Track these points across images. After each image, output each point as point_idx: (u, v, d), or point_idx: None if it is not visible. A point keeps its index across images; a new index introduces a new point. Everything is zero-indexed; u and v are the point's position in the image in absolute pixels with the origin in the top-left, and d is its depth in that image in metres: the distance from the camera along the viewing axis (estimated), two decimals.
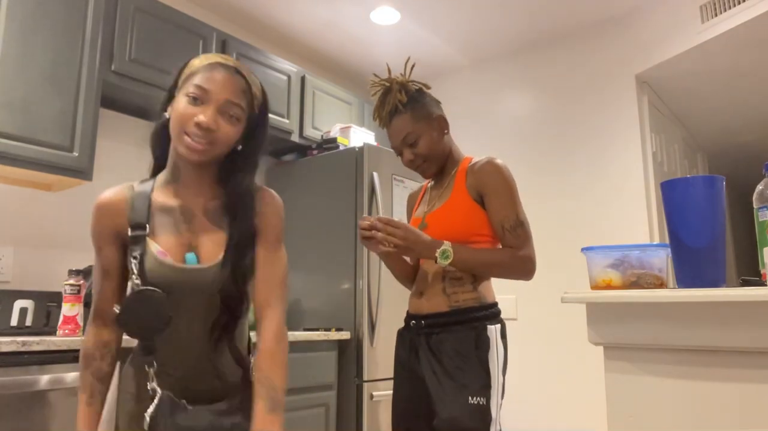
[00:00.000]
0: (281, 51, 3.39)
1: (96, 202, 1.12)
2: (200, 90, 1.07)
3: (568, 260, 2.95)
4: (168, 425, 1.05)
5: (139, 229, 1.09)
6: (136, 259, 1.07)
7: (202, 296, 1.10)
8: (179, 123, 1.07)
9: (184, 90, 1.10)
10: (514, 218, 1.43)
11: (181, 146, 1.08)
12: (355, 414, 2.47)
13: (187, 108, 1.07)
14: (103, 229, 1.11)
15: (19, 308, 1.82)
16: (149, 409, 1.05)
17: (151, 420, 1.04)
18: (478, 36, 3.28)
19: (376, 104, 1.57)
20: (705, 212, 1.03)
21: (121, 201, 1.12)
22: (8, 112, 1.87)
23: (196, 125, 1.06)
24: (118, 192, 1.14)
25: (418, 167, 1.56)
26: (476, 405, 1.34)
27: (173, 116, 1.09)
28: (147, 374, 1.08)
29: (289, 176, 2.99)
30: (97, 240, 1.12)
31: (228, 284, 1.10)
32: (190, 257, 1.10)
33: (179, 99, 1.09)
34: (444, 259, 1.38)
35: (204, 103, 1.07)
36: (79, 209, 2.40)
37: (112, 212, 1.11)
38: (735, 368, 0.92)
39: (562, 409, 2.93)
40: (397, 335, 1.60)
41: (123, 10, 2.26)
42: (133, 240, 1.08)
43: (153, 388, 1.07)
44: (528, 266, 1.43)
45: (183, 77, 1.13)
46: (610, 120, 3.02)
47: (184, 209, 1.13)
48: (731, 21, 2.58)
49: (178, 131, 1.07)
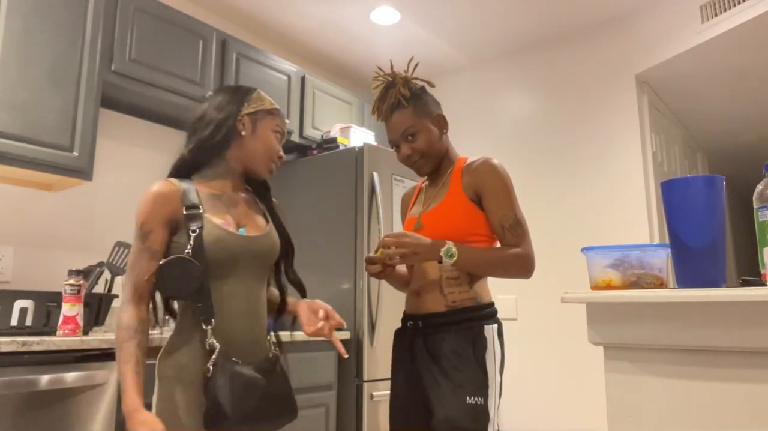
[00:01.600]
0: (281, 51, 3.39)
1: (151, 191, 1.27)
2: (282, 132, 1.42)
3: (568, 260, 2.96)
4: (227, 372, 1.19)
5: (194, 209, 1.27)
6: (194, 232, 1.24)
7: (258, 261, 1.34)
8: (269, 152, 1.39)
9: (267, 124, 1.39)
10: (512, 216, 1.43)
11: (263, 168, 1.40)
12: (355, 414, 2.47)
13: (275, 143, 1.40)
14: (157, 214, 1.26)
15: (19, 308, 1.81)
16: (211, 358, 1.20)
17: (214, 368, 1.19)
18: (478, 36, 3.28)
19: (377, 98, 1.57)
20: (705, 212, 1.03)
21: (174, 191, 1.29)
22: (8, 112, 1.87)
23: (279, 158, 1.41)
24: (167, 183, 1.30)
25: (414, 163, 1.55)
26: (473, 404, 1.34)
27: (262, 143, 1.38)
28: (205, 332, 1.23)
29: (289, 176, 2.99)
30: (150, 224, 1.26)
31: (275, 251, 1.38)
32: (242, 230, 1.34)
33: (267, 132, 1.39)
34: (449, 257, 1.38)
35: (279, 141, 1.43)
36: (79, 209, 2.40)
37: (168, 199, 1.27)
38: (735, 368, 0.92)
39: (562, 409, 2.93)
40: (394, 335, 1.60)
41: (123, 10, 2.26)
42: (190, 218, 1.26)
43: (211, 343, 1.22)
44: (528, 264, 1.43)
45: (255, 106, 1.39)
46: (610, 120, 3.02)
47: (229, 198, 1.37)
48: (731, 21, 2.58)
49: (266, 157, 1.39)
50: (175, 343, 1.28)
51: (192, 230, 1.24)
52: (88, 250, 2.39)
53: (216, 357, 1.21)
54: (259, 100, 1.40)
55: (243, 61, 2.71)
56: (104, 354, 1.73)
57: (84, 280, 1.84)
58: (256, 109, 1.39)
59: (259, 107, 1.39)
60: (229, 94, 1.40)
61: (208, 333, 1.23)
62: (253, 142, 1.37)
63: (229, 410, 1.17)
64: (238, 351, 1.26)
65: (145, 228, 1.26)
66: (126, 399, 1.17)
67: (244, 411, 1.20)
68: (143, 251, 1.26)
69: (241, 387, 1.21)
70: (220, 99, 1.39)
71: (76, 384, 1.65)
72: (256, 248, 1.33)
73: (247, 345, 1.30)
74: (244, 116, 1.37)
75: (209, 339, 1.22)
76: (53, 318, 1.85)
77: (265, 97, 1.42)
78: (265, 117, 1.39)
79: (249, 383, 1.23)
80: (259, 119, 1.38)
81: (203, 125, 1.36)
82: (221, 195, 1.35)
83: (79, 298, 1.80)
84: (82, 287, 1.82)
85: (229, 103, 1.38)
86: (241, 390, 1.21)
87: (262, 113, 1.39)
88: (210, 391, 1.19)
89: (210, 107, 1.38)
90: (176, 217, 1.27)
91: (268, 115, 1.40)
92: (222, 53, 2.62)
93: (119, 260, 2.16)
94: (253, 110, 1.38)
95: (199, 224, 1.25)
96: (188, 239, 1.23)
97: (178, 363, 1.25)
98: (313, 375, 2.40)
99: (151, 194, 1.27)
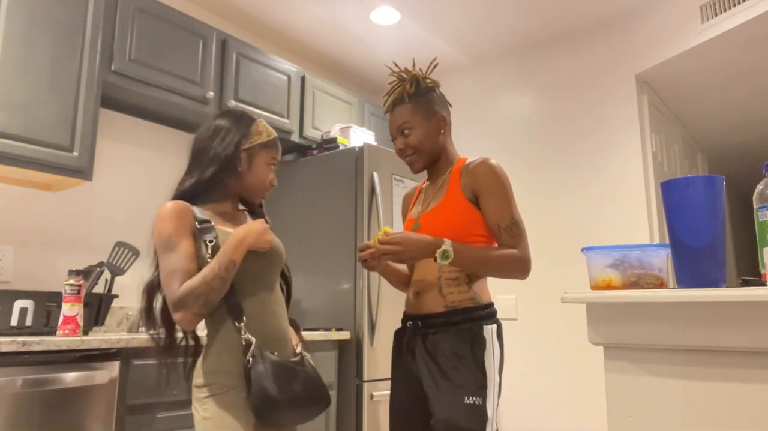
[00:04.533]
0: (281, 51, 3.39)
1: (167, 207, 1.35)
2: (275, 162, 1.50)
3: (568, 260, 2.96)
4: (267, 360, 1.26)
5: (206, 222, 1.36)
6: (211, 242, 1.32)
7: (273, 263, 1.44)
8: (262, 185, 1.47)
9: (262, 158, 1.46)
10: (509, 217, 1.44)
11: (256, 198, 1.50)
12: (355, 414, 2.47)
13: (269, 175, 1.48)
14: (181, 225, 1.33)
15: (19, 308, 1.82)
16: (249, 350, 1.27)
17: (253, 359, 1.26)
18: (478, 36, 3.28)
19: (386, 92, 1.61)
20: (705, 212, 1.03)
21: (187, 206, 1.37)
22: (9, 112, 1.87)
23: (271, 185, 1.49)
24: (179, 202, 1.38)
25: (406, 158, 1.58)
26: (472, 405, 1.34)
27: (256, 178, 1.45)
28: (239, 329, 1.30)
29: (289, 176, 2.99)
30: (177, 235, 1.32)
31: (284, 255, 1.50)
32: None
33: (261, 166, 1.46)
34: (444, 259, 1.38)
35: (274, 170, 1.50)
36: (79, 209, 2.40)
37: (185, 213, 1.35)
38: (735, 368, 0.92)
39: (562, 409, 2.93)
40: (394, 335, 1.60)
41: (123, 10, 2.26)
42: (203, 230, 1.34)
43: (247, 338, 1.29)
44: (524, 265, 1.43)
45: (253, 140, 1.46)
46: (611, 120, 3.02)
47: (230, 215, 1.47)
48: (731, 21, 2.58)
49: (260, 189, 1.48)
50: (211, 351, 1.33)
51: (209, 241, 1.32)
52: (88, 250, 2.39)
53: (253, 348, 1.27)
54: (257, 134, 1.46)
55: (243, 61, 2.70)
56: (104, 354, 1.73)
57: (84, 280, 1.84)
58: (252, 143, 1.44)
59: (256, 142, 1.45)
60: (231, 124, 1.45)
61: (242, 330, 1.29)
62: (249, 177, 1.45)
63: (276, 393, 1.23)
64: (272, 349, 1.33)
65: (173, 239, 1.31)
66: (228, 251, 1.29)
67: (291, 394, 1.26)
68: (182, 257, 1.29)
69: (282, 371, 1.27)
70: (223, 132, 1.44)
71: (76, 384, 1.65)
72: (271, 251, 1.42)
73: (277, 342, 1.36)
74: (242, 152, 1.43)
75: (244, 334, 1.29)
76: (53, 318, 1.85)
77: (263, 130, 1.48)
78: (260, 151, 1.46)
79: (289, 368, 1.30)
80: (254, 154, 1.45)
81: (206, 162, 1.42)
82: (223, 213, 1.45)
83: (79, 298, 1.80)
84: (82, 287, 1.82)
85: (230, 137, 1.43)
86: (284, 375, 1.27)
87: (258, 147, 1.45)
88: (253, 380, 1.24)
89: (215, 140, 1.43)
90: (194, 230, 1.35)
91: (263, 149, 1.46)
92: (222, 53, 2.62)
93: (119, 260, 2.16)
94: (250, 144, 1.44)
95: (213, 235, 1.34)
96: (207, 249, 1.31)
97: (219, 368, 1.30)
98: None
99: (168, 210, 1.34)
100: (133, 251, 2.18)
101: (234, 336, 1.30)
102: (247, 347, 1.28)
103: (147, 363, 1.83)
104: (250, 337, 1.28)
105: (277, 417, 1.25)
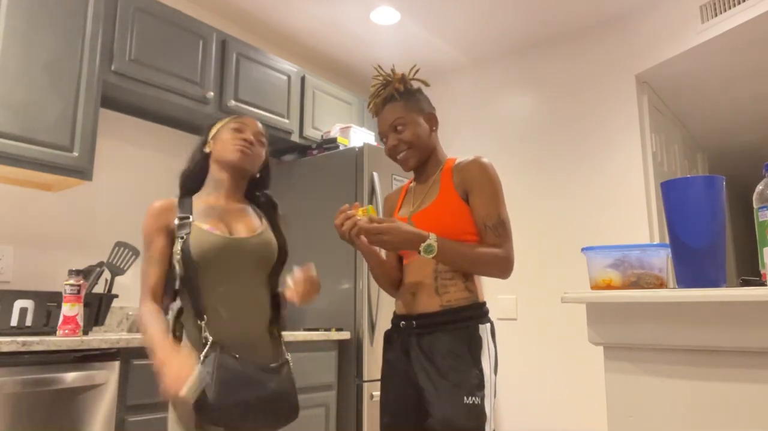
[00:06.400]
0: (281, 51, 3.39)
1: (152, 206, 1.43)
2: (240, 127, 1.51)
3: (568, 260, 2.96)
4: (215, 362, 1.25)
5: (184, 218, 1.40)
6: (182, 239, 1.36)
7: (250, 262, 1.42)
8: (227, 143, 1.48)
9: (224, 130, 1.51)
10: (496, 216, 1.44)
11: (231, 156, 1.47)
12: (355, 414, 2.47)
13: (234, 135, 1.49)
14: (154, 225, 1.40)
15: (19, 308, 1.82)
16: (203, 351, 1.27)
17: (204, 358, 1.26)
18: (478, 36, 3.28)
19: (372, 93, 1.60)
20: (705, 212, 1.03)
21: (171, 203, 1.44)
22: (8, 112, 1.87)
23: (244, 140, 1.48)
24: (165, 199, 1.45)
25: (399, 154, 1.55)
26: (471, 404, 1.34)
27: (221, 143, 1.49)
28: (200, 327, 1.32)
29: (289, 176, 2.99)
30: (150, 235, 1.41)
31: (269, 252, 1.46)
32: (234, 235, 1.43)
33: (224, 135, 1.49)
34: (427, 253, 1.38)
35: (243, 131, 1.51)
36: (79, 209, 2.40)
37: (164, 211, 1.42)
38: (735, 368, 0.92)
39: (562, 409, 2.93)
40: (384, 337, 1.59)
41: (123, 10, 2.26)
42: (180, 226, 1.39)
43: (205, 337, 1.30)
44: (507, 265, 1.43)
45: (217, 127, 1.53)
46: (610, 120, 3.02)
47: (224, 207, 1.48)
48: (731, 21, 2.58)
49: (228, 149, 1.48)
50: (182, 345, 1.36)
51: (181, 237, 1.38)
52: (88, 250, 2.39)
53: (207, 349, 1.28)
54: (221, 121, 1.55)
55: (243, 61, 2.70)
56: (104, 354, 1.73)
57: (84, 280, 1.84)
58: (217, 129, 1.53)
59: (219, 127, 1.53)
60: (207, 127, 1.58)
61: (202, 328, 1.32)
62: (216, 149, 1.51)
63: (213, 395, 1.21)
64: (238, 352, 1.32)
65: (147, 239, 1.42)
66: (156, 356, 1.25)
67: (231, 401, 1.24)
68: (148, 258, 1.41)
69: (232, 376, 1.26)
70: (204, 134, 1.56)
71: (76, 384, 1.65)
72: (247, 248, 1.42)
73: (245, 346, 1.35)
74: (209, 141, 1.53)
75: (204, 333, 1.31)
76: (53, 318, 1.85)
77: (230, 118, 1.56)
78: (222, 128, 1.53)
79: (239, 375, 1.27)
80: (219, 134, 1.52)
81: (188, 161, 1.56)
82: (216, 206, 1.47)
83: (79, 298, 1.80)
84: (82, 287, 1.82)
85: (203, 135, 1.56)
86: (233, 379, 1.26)
87: (221, 129, 1.53)
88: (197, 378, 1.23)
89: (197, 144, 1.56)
90: (172, 227, 1.41)
91: (225, 126, 1.53)
92: (222, 53, 2.62)
93: (119, 260, 2.16)
94: (215, 131, 1.53)
95: (186, 231, 1.38)
96: (178, 245, 1.37)
97: None
98: (313, 375, 2.40)
99: (149, 209, 1.43)
100: (133, 251, 2.18)
101: (196, 333, 1.34)
102: (205, 345, 1.30)
103: (147, 363, 1.83)
104: (208, 336, 1.31)
105: (215, 418, 1.24)
